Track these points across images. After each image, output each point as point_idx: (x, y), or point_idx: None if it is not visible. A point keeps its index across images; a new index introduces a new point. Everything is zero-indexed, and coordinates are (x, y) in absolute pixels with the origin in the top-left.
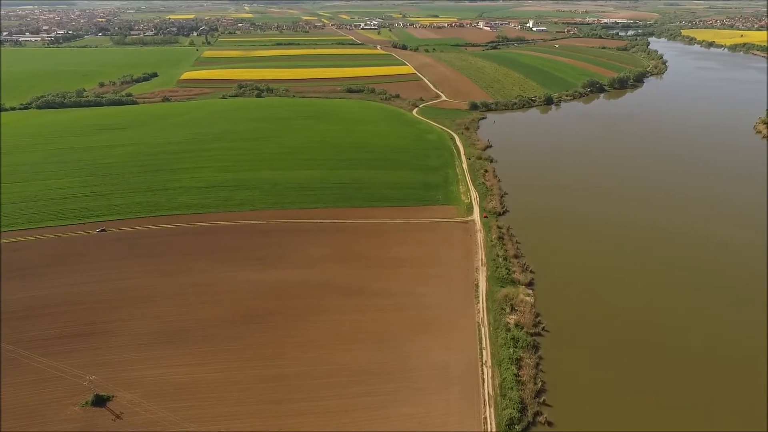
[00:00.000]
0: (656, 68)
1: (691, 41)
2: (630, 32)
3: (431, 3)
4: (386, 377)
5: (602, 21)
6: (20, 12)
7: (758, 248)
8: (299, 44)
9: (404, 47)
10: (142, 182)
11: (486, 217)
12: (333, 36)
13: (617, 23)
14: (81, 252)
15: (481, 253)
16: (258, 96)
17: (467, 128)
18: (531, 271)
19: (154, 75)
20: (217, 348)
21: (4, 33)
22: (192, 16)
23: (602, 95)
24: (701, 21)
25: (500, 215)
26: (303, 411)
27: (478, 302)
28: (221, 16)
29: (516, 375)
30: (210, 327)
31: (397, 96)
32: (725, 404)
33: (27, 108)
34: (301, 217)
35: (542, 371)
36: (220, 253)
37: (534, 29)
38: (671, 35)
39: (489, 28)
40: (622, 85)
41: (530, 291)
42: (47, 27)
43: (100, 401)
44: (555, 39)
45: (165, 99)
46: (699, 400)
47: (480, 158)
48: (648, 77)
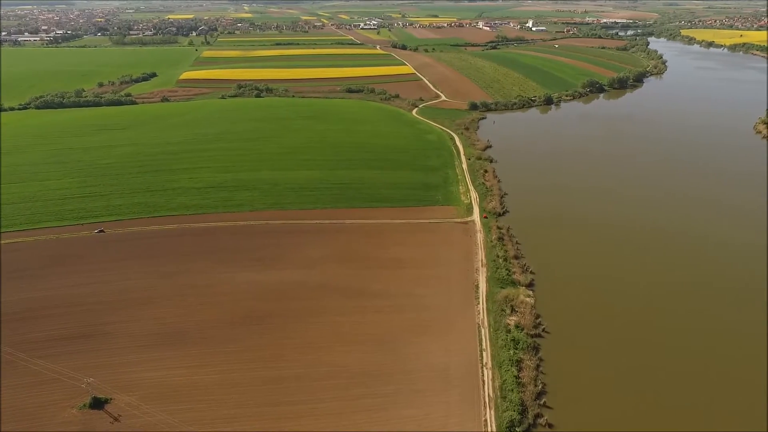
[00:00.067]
0: (656, 68)
1: (691, 41)
2: (629, 32)
3: (431, 3)
4: (386, 379)
5: (602, 21)
6: (19, 12)
7: (758, 248)
8: (298, 44)
9: (404, 47)
10: (141, 183)
11: (486, 218)
12: (332, 36)
13: (617, 23)
14: (79, 253)
15: (481, 254)
16: (257, 96)
17: (467, 128)
18: (531, 272)
19: (153, 75)
20: (216, 350)
21: (3, 33)
22: (191, 16)
23: (602, 95)
24: (701, 21)
25: (500, 216)
26: (302, 413)
27: (478, 303)
28: (220, 16)
29: (516, 377)
30: (209, 328)
31: (397, 96)
32: (725, 404)
33: (26, 108)
34: (301, 218)
35: (543, 373)
36: (220, 254)
37: (533, 29)
38: (671, 35)
39: (488, 28)
40: (622, 85)
41: (530, 292)
42: (46, 27)
43: (98, 404)
44: (554, 39)
45: (164, 99)
46: (699, 400)
47: (480, 158)
48: (648, 77)
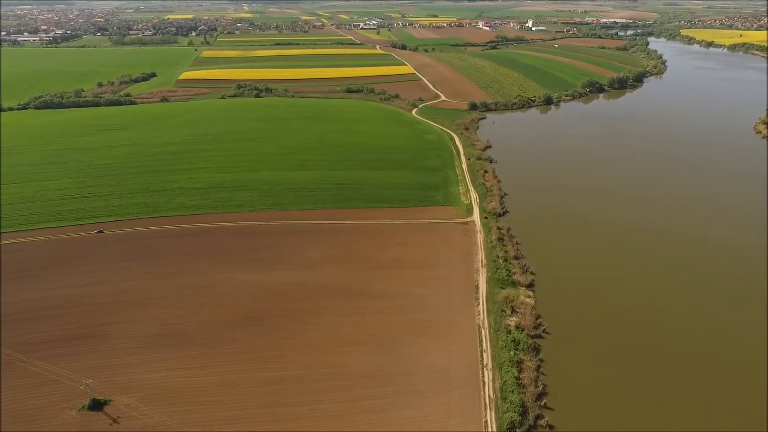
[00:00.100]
0: (656, 68)
1: (691, 41)
2: (629, 32)
3: (430, 3)
4: (386, 380)
5: (601, 21)
6: (18, 12)
7: (758, 248)
8: (298, 44)
9: (403, 47)
10: (141, 183)
11: (486, 218)
12: (332, 36)
13: (616, 23)
14: (78, 254)
15: (481, 255)
16: (257, 96)
17: (467, 128)
18: (531, 273)
19: (153, 75)
20: (216, 351)
21: (3, 33)
22: (191, 16)
23: (602, 95)
24: (700, 21)
25: (500, 216)
26: (302, 415)
27: (479, 304)
28: (220, 16)
29: (517, 378)
30: (209, 329)
31: (397, 96)
32: (725, 404)
33: (25, 108)
34: (301, 218)
35: (543, 374)
36: (219, 255)
37: (533, 29)
38: (670, 35)
39: (488, 28)
40: (622, 85)
41: (531, 292)
42: (45, 27)
43: (97, 405)
44: (554, 39)
45: (163, 99)
46: (699, 400)
47: (480, 159)
48: (647, 77)
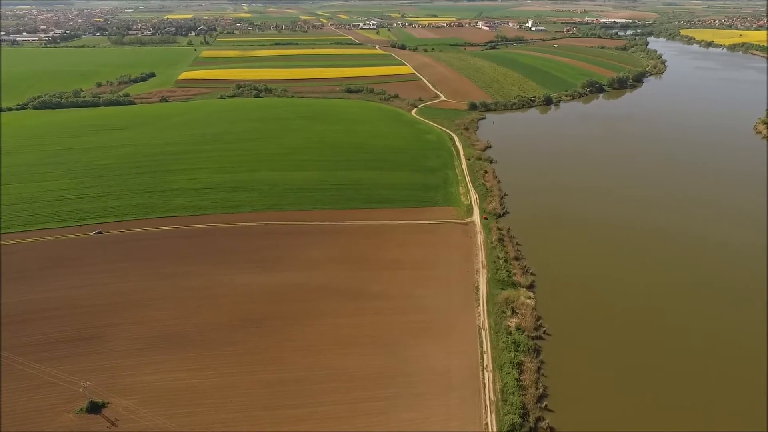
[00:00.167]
0: (655, 68)
1: (690, 41)
2: (629, 32)
3: (430, 3)
4: (386, 382)
5: (601, 21)
6: (18, 12)
7: (758, 248)
8: (298, 44)
9: (403, 47)
10: (139, 184)
11: (486, 219)
12: (331, 36)
13: (616, 23)
14: (77, 255)
15: (482, 255)
16: (256, 96)
17: (466, 128)
18: (532, 273)
19: (152, 75)
20: (215, 353)
21: (2, 33)
22: (190, 16)
23: (601, 95)
24: (700, 21)
25: (500, 216)
26: (302, 417)
27: (479, 305)
28: (219, 16)
29: (517, 379)
30: (208, 331)
31: (396, 96)
32: (725, 404)
33: (24, 108)
34: (300, 219)
35: (544, 375)
36: (218, 256)
37: (533, 29)
38: (670, 35)
39: (488, 28)
40: (622, 85)
41: (531, 293)
42: (45, 27)
43: (95, 408)
44: (554, 39)
45: (163, 99)
46: (699, 400)
47: (479, 159)
48: (647, 77)
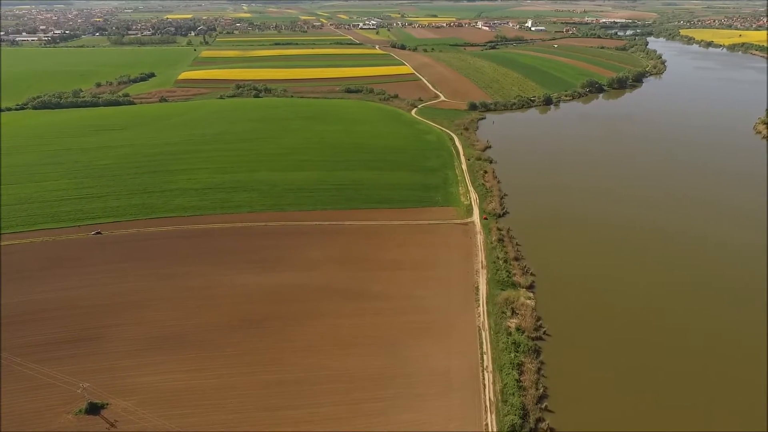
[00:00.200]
0: (655, 68)
1: (690, 41)
2: (628, 32)
3: (430, 3)
4: (386, 383)
5: (601, 21)
6: (17, 12)
7: (758, 248)
8: (297, 44)
9: (403, 47)
10: (139, 184)
11: (486, 219)
12: (331, 36)
13: (616, 23)
14: (76, 255)
15: (481, 256)
16: (256, 96)
17: (466, 128)
18: (532, 274)
19: (152, 75)
20: (215, 353)
21: (1, 33)
22: (190, 16)
23: (601, 95)
24: (699, 21)
25: (500, 217)
26: (301, 418)
27: (479, 306)
28: (219, 16)
29: (517, 380)
30: (207, 332)
31: (396, 96)
32: (725, 404)
33: (23, 108)
34: (300, 219)
35: (544, 376)
36: (218, 256)
37: (533, 29)
38: (670, 35)
39: (488, 28)
40: (621, 85)
41: (531, 294)
42: (44, 27)
43: (95, 409)
44: (554, 39)
45: (162, 99)
46: (699, 400)
47: (479, 159)
48: (647, 77)
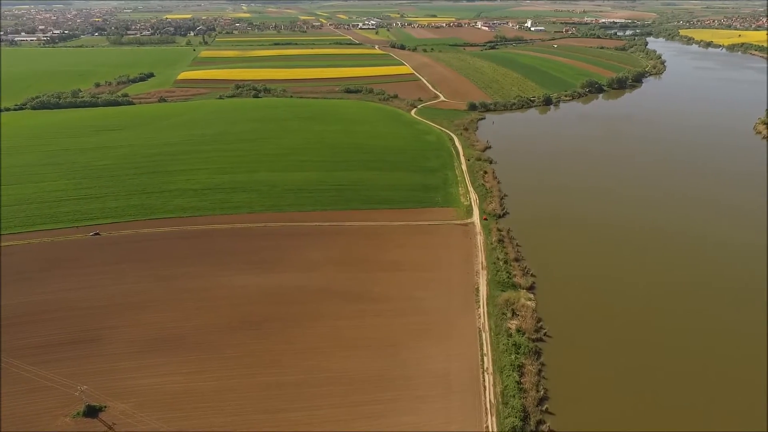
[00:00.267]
0: (655, 68)
1: (689, 41)
2: (628, 32)
3: (429, 3)
4: (386, 385)
5: (600, 21)
6: (16, 11)
7: (758, 248)
8: (297, 44)
9: (402, 47)
10: (138, 185)
11: (486, 220)
12: (331, 36)
13: (615, 23)
14: (74, 256)
15: (481, 257)
16: (255, 96)
17: (466, 129)
18: (532, 275)
19: (151, 75)
20: (214, 355)
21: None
22: (189, 16)
23: (601, 95)
24: (699, 21)
25: (500, 217)
26: (301, 420)
27: (479, 307)
28: (219, 16)
29: (518, 382)
30: (206, 333)
31: (396, 96)
32: (725, 404)
33: (22, 109)
34: (299, 220)
35: (545, 378)
36: (217, 257)
37: (532, 29)
38: (669, 35)
39: (487, 28)
40: (621, 86)
41: (531, 295)
42: (43, 27)
43: (93, 412)
44: (553, 39)
45: (161, 99)
46: (699, 401)
47: (479, 159)
48: (647, 77)
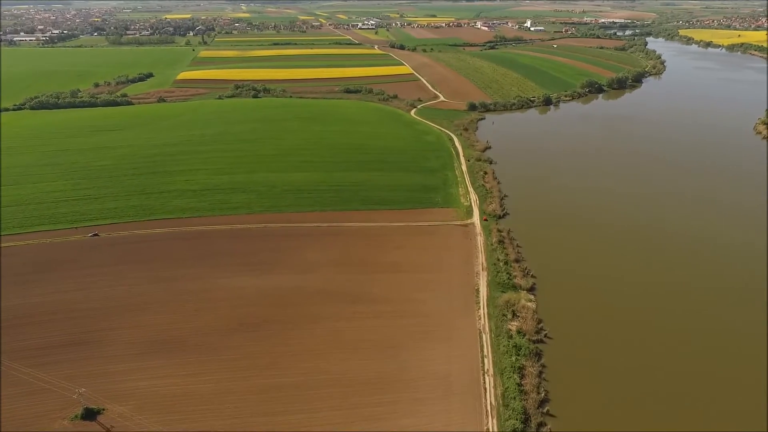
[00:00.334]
0: (654, 68)
1: (689, 41)
2: (627, 32)
3: (429, 3)
4: (385, 387)
5: (600, 21)
6: (15, 11)
7: (758, 248)
8: (296, 44)
9: (402, 47)
10: (136, 185)
11: (486, 220)
12: (330, 36)
13: (615, 23)
14: (73, 257)
15: (482, 258)
16: (255, 96)
17: (466, 129)
18: (532, 276)
19: (150, 75)
20: (212, 357)
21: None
22: (188, 16)
23: (601, 95)
24: (698, 21)
25: (500, 218)
26: (299, 423)
27: (479, 308)
28: (218, 16)
29: (519, 384)
30: (205, 335)
31: (395, 96)
32: (725, 404)
33: (20, 109)
34: (298, 221)
35: (545, 380)
36: (216, 259)
37: (532, 29)
38: (669, 35)
39: (487, 28)
40: (621, 86)
41: (532, 296)
42: (42, 26)
43: (90, 414)
44: (553, 39)
45: (160, 99)
46: (699, 401)
47: (479, 160)
48: (646, 77)
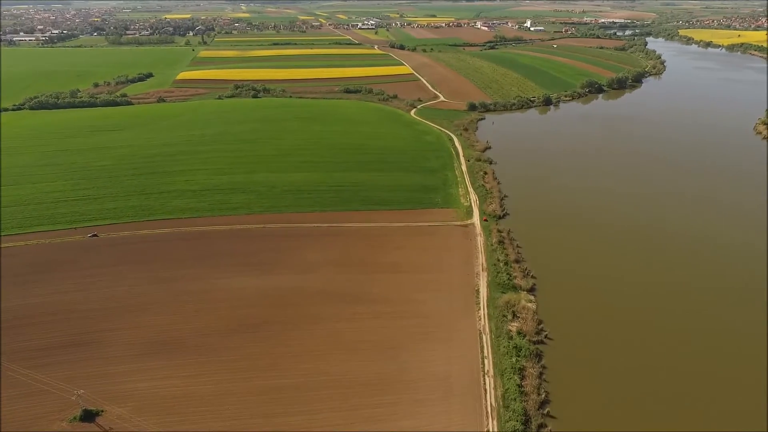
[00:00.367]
0: (654, 68)
1: (689, 41)
2: (627, 32)
3: (429, 3)
4: (385, 388)
5: (600, 21)
6: (15, 11)
7: (758, 248)
8: (296, 44)
9: (402, 47)
10: (136, 185)
11: (486, 221)
12: (330, 36)
13: (614, 23)
14: (72, 258)
15: (482, 258)
16: (254, 97)
17: (466, 129)
18: (532, 276)
19: (150, 75)
20: (212, 358)
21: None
22: (188, 16)
23: (601, 96)
24: (698, 21)
25: (500, 218)
26: (300, 424)
27: (479, 309)
28: (218, 16)
29: (519, 385)
30: (204, 336)
31: (395, 96)
32: (725, 404)
33: (20, 109)
34: (298, 221)
35: (546, 381)
36: (215, 259)
37: (532, 29)
38: (669, 35)
39: (487, 28)
40: (621, 86)
41: (532, 297)
42: (42, 26)
43: (89, 416)
44: (553, 39)
45: (160, 100)
46: (699, 401)
47: (479, 160)
48: (646, 77)
